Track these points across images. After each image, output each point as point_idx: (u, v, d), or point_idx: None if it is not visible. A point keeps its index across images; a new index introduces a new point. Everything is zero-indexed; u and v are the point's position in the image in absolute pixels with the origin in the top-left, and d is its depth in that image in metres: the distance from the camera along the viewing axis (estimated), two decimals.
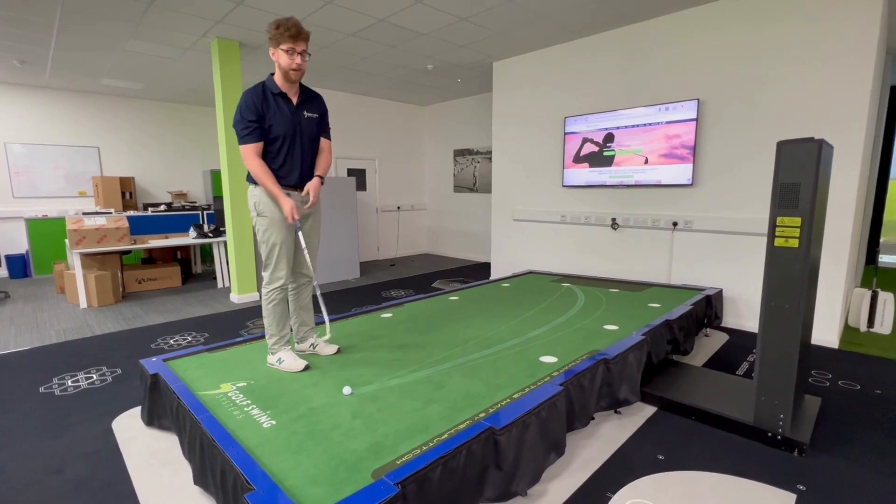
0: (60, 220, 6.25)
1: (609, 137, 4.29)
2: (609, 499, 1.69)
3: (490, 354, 2.38)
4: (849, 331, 3.59)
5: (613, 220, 4.37)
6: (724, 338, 3.47)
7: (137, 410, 2.39)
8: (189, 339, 3.56)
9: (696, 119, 3.72)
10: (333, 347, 2.45)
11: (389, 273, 6.34)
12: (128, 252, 5.37)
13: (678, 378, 2.58)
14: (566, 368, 2.14)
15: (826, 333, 3.28)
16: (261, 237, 2.18)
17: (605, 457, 1.95)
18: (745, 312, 3.65)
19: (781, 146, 1.90)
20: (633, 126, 4.10)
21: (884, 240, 6.25)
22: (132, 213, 6.09)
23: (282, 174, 2.16)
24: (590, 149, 4.44)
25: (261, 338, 2.71)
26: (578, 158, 4.55)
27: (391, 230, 7.74)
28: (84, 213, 5.52)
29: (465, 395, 1.90)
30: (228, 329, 3.80)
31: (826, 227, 3.18)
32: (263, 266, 2.23)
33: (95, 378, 2.84)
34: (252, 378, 2.13)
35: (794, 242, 1.90)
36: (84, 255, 4.66)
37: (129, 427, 2.24)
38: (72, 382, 2.78)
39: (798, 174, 1.86)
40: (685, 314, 2.93)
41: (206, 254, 7.00)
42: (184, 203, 6.84)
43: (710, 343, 3.36)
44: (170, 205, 6.58)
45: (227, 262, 5.39)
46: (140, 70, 5.40)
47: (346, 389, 1.96)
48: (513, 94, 5.13)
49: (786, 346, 1.97)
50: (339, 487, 1.31)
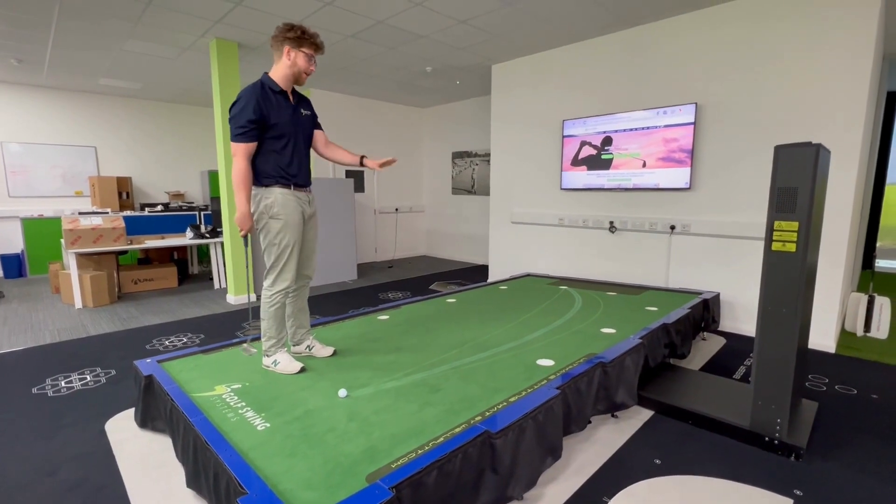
0: (56, 220, 6.21)
1: (607, 141, 4.29)
2: (606, 503, 1.68)
3: (487, 357, 2.37)
4: (845, 335, 3.59)
5: (611, 224, 4.37)
6: (722, 341, 3.47)
7: (131, 412, 2.36)
8: (184, 341, 3.54)
9: (694, 123, 3.72)
10: (329, 349, 2.43)
11: (387, 275, 6.33)
12: (124, 252, 5.35)
13: (675, 382, 2.57)
14: (563, 372, 2.14)
15: (823, 338, 3.29)
16: (272, 239, 2.15)
17: (602, 461, 1.95)
18: (743, 316, 3.65)
19: (779, 150, 1.90)
20: (632, 129, 4.11)
21: (880, 244, 6.27)
22: (129, 214, 6.07)
23: (292, 172, 2.15)
24: (588, 152, 4.45)
25: (257, 339, 2.69)
26: (576, 161, 4.55)
27: (389, 232, 7.73)
28: (80, 213, 5.50)
29: (462, 399, 1.89)
30: (224, 330, 3.78)
31: (823, 232, 3.19)
32: (268, 269, 2.19)
33: (89, 379, 2.82)
34: (247, 380, 2.12)
35: (792, 247, 1.90)
36: (80, 255, 4.63)
37: (123, 429, 2.22)
38: (65, 383, 2.76)
39: (795, 178, 1.86)
40: (682, 318, 2.93)
41: (203, 255, 6.98)
42: (181, 203, 6.82)
43: (708, 347, 3.36)
44: (167, 205, 6.55)
45: (224, 263, 5.37)
46: (138, 70, 5.39)
47: (342, 392, 1.95)
48: (511, 97, 5.14)
49: (783, 351, 1.96)
50: (334, 491, 1.30)
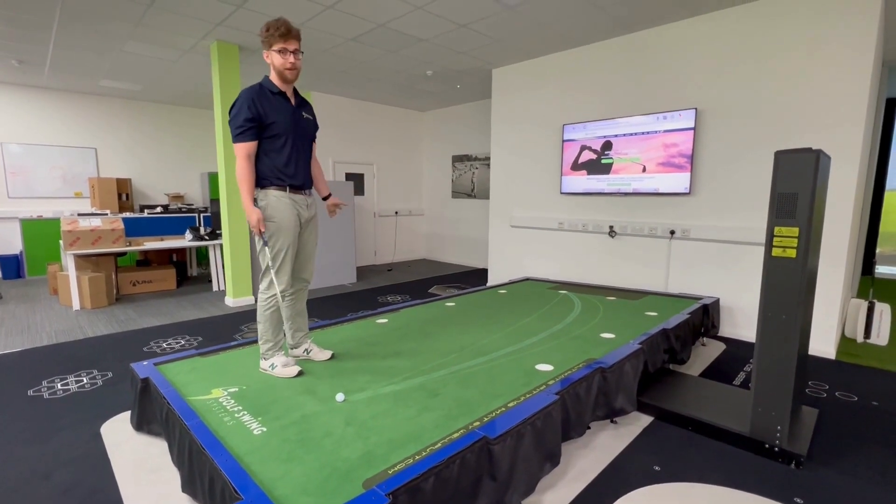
0: (55, 221, 6.20)
1: (607, 145, 4.30)
2: None
3: (485, 362, 2.36)
4: (845, 341, 3.58)
5: (611, 228, 4.36)
6: (721, 347, 3.46)
7: (127, 415, 2.35)
8: (182, 343, 3.52)
9: (694, 128, 3.73)
10: (327, 353, 2.42)
11: (386, 278, 6.31)
12: (123, 254, 5.34)
13: (675, 388, 2.56)
14: (562, 377, 2.12)
15: (823, 344, 3.27)
16: (267, 241, 2.14)
17: (601, 467, 1.93)
18: (742, 322, 3.64)
19: (779, 156, 1.89)
20: (632, 134, 4.11)
21: (880, 250, 6.27)
22: (128, 215, 6.05)
23: (289, 173, 2.14)
24: (588, 156, 4.45)
25: (254, 342, 2.68)
26: (576, 166, 4.55)
27: (389, 235, 7.72)
28: (79, 215, 5.49)
29: (460, 404, 1.87)
30: (222, 333, 3.77)
31: (823, 238, 3.18)
32: (263, 272, 2.19)
33: (86, 381, 2.80)
34: (244, 383, 2.10)
35: (792, 253, 1.90)
36: (78, 257, 4.62)
37: (118, 432, 2.21)
38: (61, 385, 2.74)
39: (796, 184, 1.86)
40: (682, 323, 2.92)
41: (202, 257, 6.97)
42: (180, 205, 6.81)
43: (707, 352, 3.34)
44: (166, 207, 6.55)
45: (223, 266, 5.36)
46: (139, 71, 5.39)
47: (340, 396, 1.93)
48: (512, 101, 5.14)
49: (783, 357, 1.95)
50: (330, 497, 1.29)
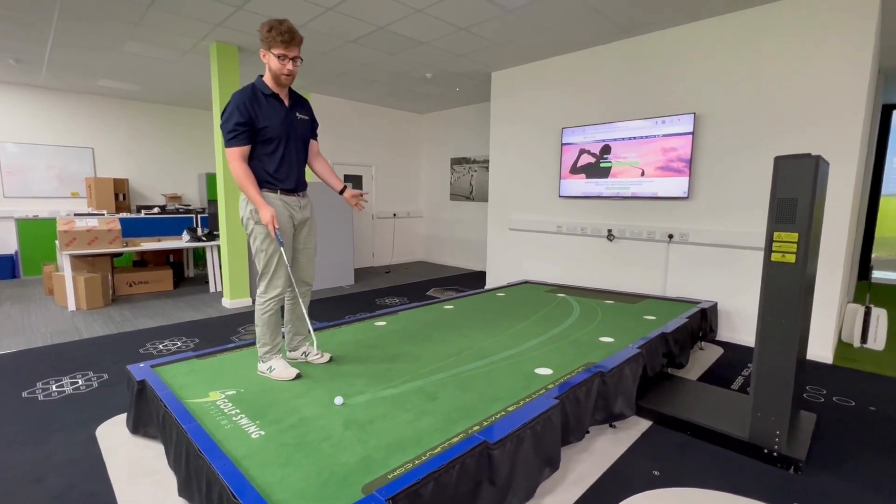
0: (51, 221, 6.17)
1: (606, 149, 4.30)
2: None
3: (484, 365, 2.35)
4: (842, 346, 3.59)
5: (609, 232, 4.37)
6: (719, 351, 3.46)
7: (123, 417, 2.33)
8: (178, 345, 3.50)
9: (693, 133, 3.74)
10: (326, 356, 2.40)
11: (384, 280, 6.30)
12: (119, 254, 5.31)
13: (673, 392, 2.56)
14: (561, 381, 2.12)
15: (820, 349, 3.28)
16: (258, 246, 2.12)
17: (600, 472, 1.92)
18: (740, 326, 3.65)
19: (779, 162, 1.90)
20: (630, 138, 4.12)
21: (875, 255, 6.30)
22: (125, 216, 6.02)
23: (280, 177, 2.12)
24: (587, 160, 4.46)
25: (252, 344, 2.66)
26: (575, 169, 4.56)
27: (387, 237, 7.71)
28: (76, 215, 5.46)
29: (459, 407, 1.87)
30: (219, 335, 3.75)
31: (821, 243, 3.19)
32: (259, 276, 2.17)
33: (81, 383, 2.78)
34: (242, 386, 2.09)
35: (791, 258, 1.90)
36: (74, 257, 4.59)
37: (114, 435, 2.19)
38: (56, 387, 2.71)
39: (795, 190, 1.87)
40: (681, 327, 2.92)
41: (199, 258, 6.94)
42: (178, 206, 6.79)
43: (705, 357, 3.34)
44: (163, 207, 6.52)
45: (220, 267, 5.33)
46: (137, 72, 5.37)
47: (338, 399, 1.92)
48: (511, 104, 5.15)
49: (782, 362, 1.95)
50: (329, 502, 1.27)
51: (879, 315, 3.51)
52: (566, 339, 2.77)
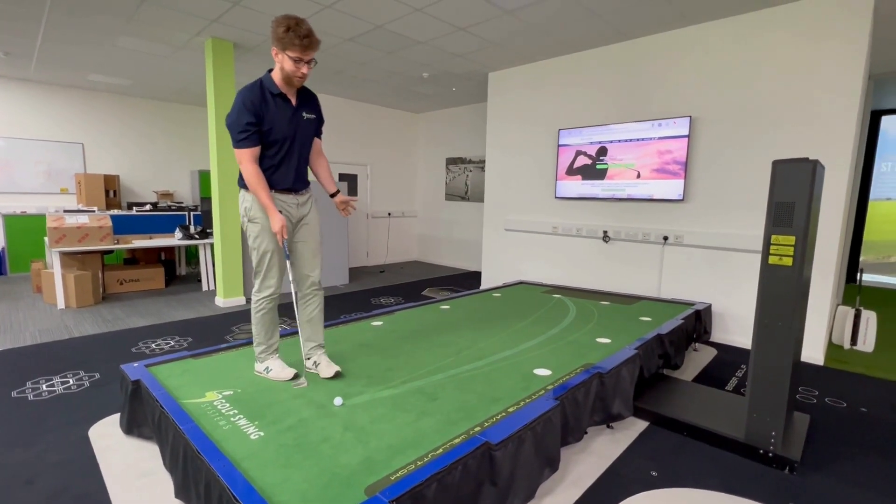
0: (40, 217, 6.06)
1: (602, 151, 4.33)
2: None
3: (483, 366, 2.35)
4: (832, 348, 3.64)
5: (605, 233, 4.39)
6: (713, 353, 3.50)
7: (116, 418, 2.29)
8: (172, 344, 3.46)
9: (688, 136, 3.77)
10: (333, 369, 2.18)
11: (379, 280, 6.28)
12: (110, 252, 5.23)
13: (669, 393, 2.57)
14: (561, 382, 2.12)
15: (812, 350, 3.33)
16: (251, 243, 2.09)
17: (599, 472, 1.93)
18: (733, 328, 3.69)
19: (777, 166, 1.92)
20: (627, 140, 4.15)
21: (863, 259, 6.41)
22: (116, 212, 5.94)
23: (276, 179, 2.07)
24: (583, 161, 4.48)
25: (248, 344, 2.64)
26: (571, 170, 4.58)
27: (381, 236, 7.68)
28: (66, 211, 5.37)
29: (460, 408, 1.86)
30: (213, 334, 3.71)
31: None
32: (254, 273, 2.15)
33: (72, 382, 2.73)
34: (239, 386, 2.07)
35: (788, 261, 1.92)
36: (64, 254, 4.51)
37: (107, 435, 2.15)
38: (46, 387, 2.66)
39: (793, 194, 1.89)
40: (676, 328, 2.94)
41: (192, 256, 6.86)
42: (170, 203, 6.70)
43: (700, 358, 3.38)
44: (155, 204, 6.43)
45: (214, 265, 5.28)
46: (129, 66, 5.30)
47: (337, 400, 1.91)
48: (507, 105, 5.16)
49: (778, 363, 1.98)
50: None
51: (869, 317, 3.57)
52: (563, 340, 2.78)
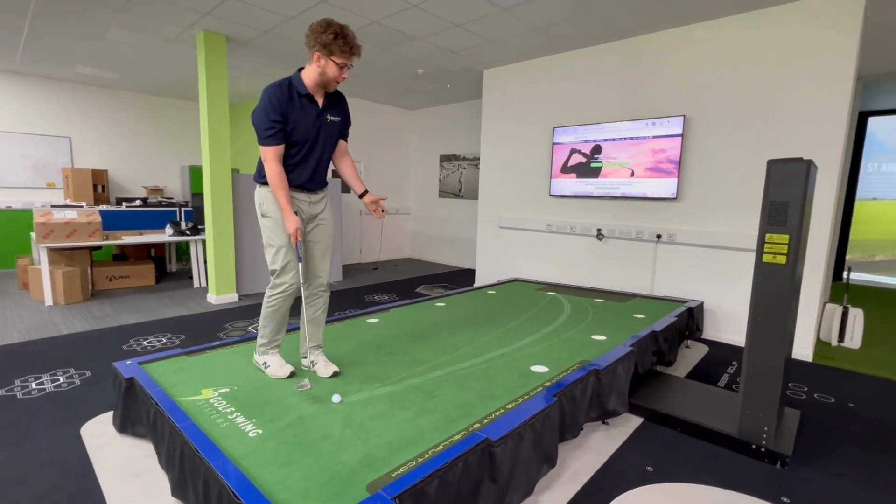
0: (26, 212, 5.95)
1: (597, 149, 4.35)
2: None
3: (480, 363, 2.36)
4: (821, 345, 3.71)
5: (599, 231, 4.42)
6: (705, 349, 3.54)
7: (109, 416, 2.26)
8: (164, 341, 3.41)
9: (682, 135, 3.80)
10: (331, 369, 2.21)
11: (372, 277, 6.26)
12: (98, 248, 5.15)
13: (663, 389, 2.60)
14: (558, 379, 2.14)
15: (802, 347, 3.39)
16: (264, 239, 2.08)
17: (595, 468, 1.95)
18: (725, 325, 3.74)
19: (772, 165, 1.94)
20: (621, 139, 4.18)
21: (850, 257, 6.53)
22: (105, 208, 5.83)
23: (291, 177, 2.04)
24: (577, 159, 4.50)
25: (242, 341, 2.62)
26: (566, 169, 4.59)
27: (374, 233, 7.66)
28: (53, 206, 5.26)
29: (458, 405, 1.87)
30: (206, 331, 3.67)
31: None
32: (269, 270, 2.13)
33: (62, 381, 2.69)
34: (235, 384, 2.05)
35: (782, 259, 1.95)
36: (51, 250, 4.43)
37: (100, 434, 2.12)
38: (36, 385, 2.62)
39: (787, 193, 1.91)
40: (670, 325, 2.98)
41: (182, 252, 6.78)
42: (160, 199, 6.60)
43: (692, 354, 3.42)
44: (145, 200, 6.33)
45: (205, 262, 5.22)
46: (119, 59, 5.20)
47: (336, 397, 1.90)
48: (502, 102, 5.16)
49: (772, 360, 2.01)
50: (333, 501, 1.26)
51: (856, 315, 3.64)
52: (559, 337, 2.80)
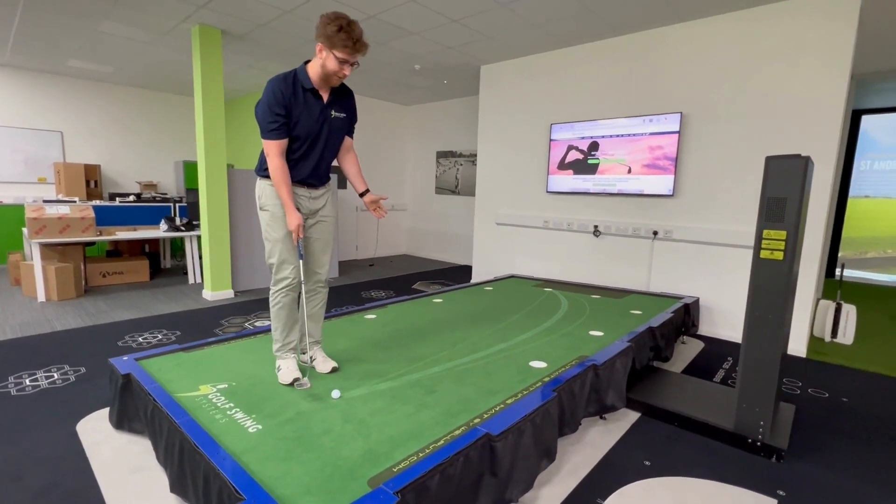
0: (16, 208, 5.87)
1: (594, 146, 4.36)
2: None
3: (479, 359, 2.36)
4: (814, 340, 3.75)
5: (595, 228, 4.43)
6: (700, 345, 3.57)
7: (105, 412, 2.24)
8: (159, 338, 3.39)
9: (679, 132, 3.82)
10: (330, 364, 2.21)
11: (369, 273, 6.25)
12: (91, 244, 5.10)
13: (660, 384, 2.62)
14: (557, 374, 2.15)
15: (796, 343, 3.42)
16: (263, 233, 2.06)
17: (594, 463, 1.96)
18: (720, 321, 3.77)
19: (770, 162, 1.95)
20: (618, 136, 4.18)
21: (842, 254, 6.60)
22: (98, 203, 5.77)
23: (293, 172, 2.01)
24: (574, 156, 4.50)
25: (239, 337, 2.61)
26: (563, 165, 4.60)
27: (370, 230, 7.63)
28: (45, 201, 5.20)
29: (458, 400, 1.87)
30: (202, 327, 3.65)
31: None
32: (269, 267, 2.10)
33: (57, 377, 2.66)
34: (233, 380, 2.04)
35: (780, 255, 1.97)
36: (44, 246, 4.38)
37: (97, 430, 2.10)
38: (30, 381, 2.59)
39: (785, 189, 1.93)
40: (666, 321, 3.00)
41: (177, 248, 6.73)
42: (154, 194, 6.55)
43: (688, 350, 3.44)
44: (139, 195, 6.28)
45: (201, 258, 5.18)
46: (111, 53, 5.13)
47: (335, 393, 1.90)
48: (499, 98, 5.15)
49: (768, 355, 2.03)
50: (335, 496, 1.26)
51: (849, 311, 3.69)
52: (557, 333, 2.81)
